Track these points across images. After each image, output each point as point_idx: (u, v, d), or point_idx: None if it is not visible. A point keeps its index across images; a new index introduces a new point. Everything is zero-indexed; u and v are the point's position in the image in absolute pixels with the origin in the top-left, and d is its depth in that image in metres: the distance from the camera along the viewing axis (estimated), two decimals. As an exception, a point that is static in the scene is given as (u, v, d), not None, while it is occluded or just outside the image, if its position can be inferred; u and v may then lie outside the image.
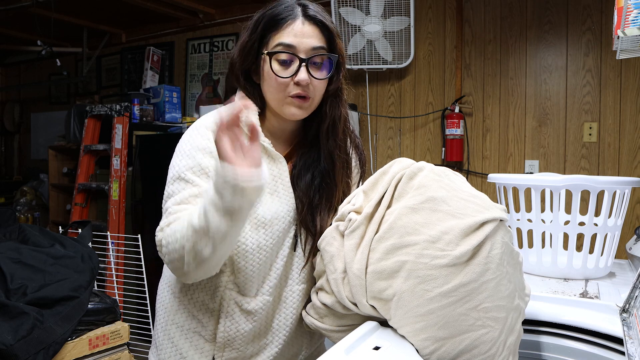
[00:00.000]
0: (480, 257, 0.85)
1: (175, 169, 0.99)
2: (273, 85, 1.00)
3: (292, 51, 0.98)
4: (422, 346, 0.87)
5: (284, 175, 1.05)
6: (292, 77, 0.98)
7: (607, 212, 1.32)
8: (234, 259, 1.02)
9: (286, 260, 1.06)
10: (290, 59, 0.98)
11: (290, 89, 0.99)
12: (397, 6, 2.99)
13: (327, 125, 1.06)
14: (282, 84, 0.99)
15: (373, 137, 3.32)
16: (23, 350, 1.43)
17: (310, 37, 0.99)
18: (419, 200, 0.90)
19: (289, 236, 1.06)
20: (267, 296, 1.05)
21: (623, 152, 2.67)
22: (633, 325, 0.88)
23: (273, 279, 1.05)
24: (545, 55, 2.84)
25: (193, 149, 1.00)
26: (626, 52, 1.42)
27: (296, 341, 1.13)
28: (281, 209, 1.04)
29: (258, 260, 1.02)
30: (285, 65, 0.99)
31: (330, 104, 1.07)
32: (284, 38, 0.98)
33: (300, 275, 1.08)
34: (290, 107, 1.01)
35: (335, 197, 1.08)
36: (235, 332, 1.04)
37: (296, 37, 0.98)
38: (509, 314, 0.90)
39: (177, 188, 0.97)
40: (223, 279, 1.04)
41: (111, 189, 3.30)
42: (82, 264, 1.78)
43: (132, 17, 4.11)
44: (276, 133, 1.09)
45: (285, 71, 0.99)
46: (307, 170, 1.07)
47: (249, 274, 1.02)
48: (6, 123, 5.34)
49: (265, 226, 1.02)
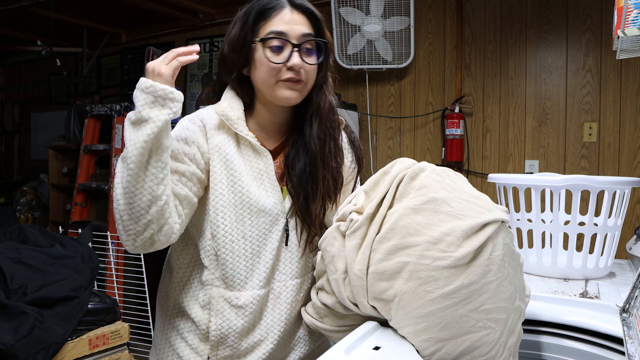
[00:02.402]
0: (481, 258, 0.85)
1: None
2: (265, 71, 1.02)
3: (284, 37, 1.01)
4: (423, 347, 0.87)
5: (270, 168, 1.07)
6: (285, 63, 1.01)
7: (607, 212, 1.32)
8: (218, 250, 1.02)
9: (276, 254, 1.07)
10: (282, 44, 1.01)
11: (283, 74, 1.01)
12: (397, 6, 2.99)
13: (311, 111, 1.08)
14: (275, 69, 1.01)
15: (373, 137, 3.32)
16: (23, 350, 1.43)
17: (300, 24, 1.02)
18: (421, 201, 0.90)
19: (276, 229, 1.07)
20: (257, 290, 1.05)
21: (623, 152, 2.67)
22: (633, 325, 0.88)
23: (262, 272, 1.05)
24: (545, 55, 2.84)
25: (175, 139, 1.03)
26: (626, 52, 1.42)
27: (292, 337, 1.13)
28: (268, 201, 1.05)
29: (243, 250, 1.03)
30: (277, 51, 1.01)
31: (317, 91, 1.08)
32: (275, 26, 1.01)
33: (294, 269, 1.09)
34: (284, 90, 1.02)
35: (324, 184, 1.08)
36: (227, 329, 1.04)
37: (286, 24, 1.01)
38: (510, 315, 0.90)
39: None
40: (208, 276, 1.04)
41: (111, 189, 3.29)
42: (82, 264, 1.78)
43: (132, 17, 4.11)
44: (266, 126, 1.10)
45: (278, 57, 1.01)
46: (299, 159, 1.09)
47: (235, 264, 1.03)
48: (6, 123, 5.34)
49: (251, 216, 1.03)
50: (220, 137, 1.04)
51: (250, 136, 1.04)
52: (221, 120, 1.04)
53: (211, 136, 1.04)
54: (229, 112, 1.03)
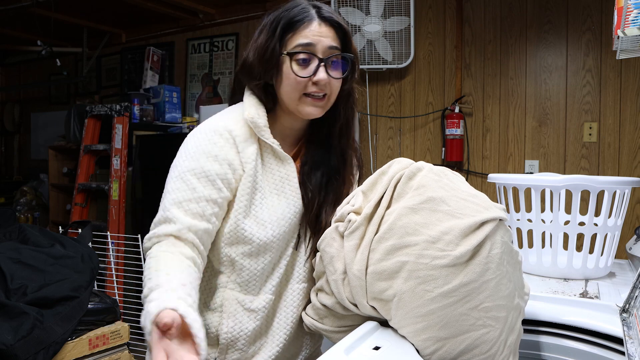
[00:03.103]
0: (480, 257, 0.85)
1: (178, 168, 0.99)
2: (291, 85, 1.01)
3: (311, 50, 1.00)
4: (423, 346, 0.87)
5: (292, 176, 1.06)
6: (311, 77, 1.00)
7: (607, 212, 1.32)
8: (237, 260, 1.01)
9: (289, 260, 1.07)
10: (309, 58, 1.00)
11: (308, 88, 1.01)
12: (397, 6, 2.99)
13: (340, 125, 1.08)
14: (301, 83, 1.00)
15: (373, 137, 3.32)
16: (23, 350, 1.43)
17: (327, 37, 1.01)
18: (419, 200, 0.90)
19: (293, 236, 1.07)
20: (269, 294, 1.05)
21: (623, 152, 2.67)
22: (633, 325, 0.88)
23: (276, 278, 1.05)
24: (545, 55, 2.84)
25: (198, 152, 0.99)
26: (626, 52, 1.42)
27: (297, 341, 1.13)
28: (288, 210, 1.04)
29: (263, 260, 1.02)
30: (304, 65, 1.00)
31: (345, 104, 1.08)
32: (302, 39, 1.00)
33: (301, 273, 1.09)
34: (308, 106, 1.02)
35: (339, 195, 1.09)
36: (239, 332, 1.04)
37: (314, 37, 1.00)
38: (509, 313, 0.90)
39: (176, 187, 0.97)
40: (222, 279, 1.04)
41: (111, 189, 3.30)
42: (82, 264, 1.78)
43: (132, 17, 4.11)
44: (285, 132, 1.09)
45: (304, 71, 1.00)
46: (317, 169, 1.08)
47: (254, 273, 1.02)
48: (6, 123, 5.34)
49: (273, 227, 1.02)
50: (250, 149, 1.01)
51: (276, 144, 1.03)
52: (249, 129, 1.02)
53: (242, 150, 1.00)
54: (258, 120, 1.01)
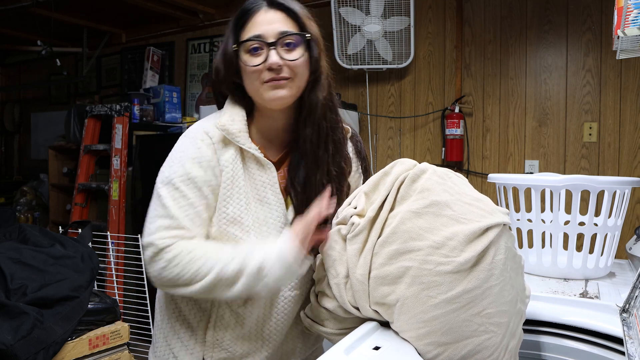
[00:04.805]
0: (484, 263, 0.84)
1: (165, 174, 1.01)
2: (249, 77, 1.00)
3: (260, 38, 0.98)
4: (425, 350, 0.87)
5: (273, 182, 1.04)
6: (264, 63, 0.98)
7: (607, 212, 1.32)
8: None
9: None
10: (259, 45, 0.98)
11: (264, 75, 0.98)
12: (397, 6, 2.99)
13: (304, 113, 1.04)
14: (255, 71, 0.98)
15: (373, 137, 3.32)
16: (23, 350, 1.43)
17: (276, 22, 0.99)
18: (423, 204, 0.89)
19: None
20: (259, 301, 1.05)
21: (623, 152, 2.67)
22: (633, 325, 0.88)
23: None
24: (545, 55, 2.84)
25: (183, 157, 1.00)
26: (626, 52, 1.42)
27: (288, 346, 1.13)
28: (270, 215, 1.04)
29: None
30: (255, 53, 0.98)
31: (310, 90, 1.04)
32: (251, 29, 0.99)
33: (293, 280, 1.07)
34: (269, 91, 0.99)
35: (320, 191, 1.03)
36: (224, 333, 1.05)
37: (261, 25, 0.98)
38: (511, 319, 0.90)
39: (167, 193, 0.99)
40: None
41: (111, 189, 3.30)
42: (82, 264, 1.78)
43: (132, 17, 4.11)
44: (268, 133, 1.08)
45: (257, 59, 0.98)
46: (299, 167, 1.05)
47: None
48: (6, 123, 5.34)
49: (256, 233, 1.02)
50: (228, 153, 1.00)
51: (254, 149, 1.01)
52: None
53: (220, 153, 1.00)
54: (230, 126, 0.99)
